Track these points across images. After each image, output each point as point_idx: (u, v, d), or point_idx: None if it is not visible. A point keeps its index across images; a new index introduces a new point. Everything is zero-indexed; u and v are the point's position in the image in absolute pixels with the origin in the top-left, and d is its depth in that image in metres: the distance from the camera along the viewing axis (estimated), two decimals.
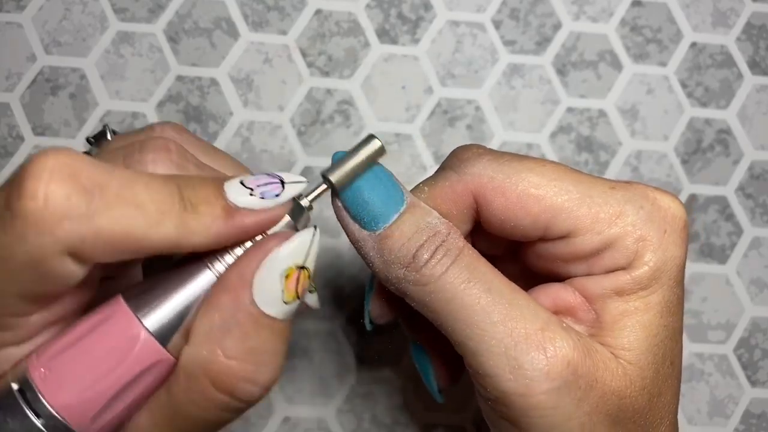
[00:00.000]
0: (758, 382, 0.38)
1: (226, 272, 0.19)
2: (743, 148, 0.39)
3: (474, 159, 0.23)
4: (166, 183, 0.18)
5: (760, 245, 0.39)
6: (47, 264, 0.16)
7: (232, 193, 0.19)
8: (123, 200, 0.17)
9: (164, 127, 0.22)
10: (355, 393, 0.36)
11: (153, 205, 0.17)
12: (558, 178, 0.22)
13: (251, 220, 0.19)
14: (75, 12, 0.38)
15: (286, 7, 0.39)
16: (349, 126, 0.38)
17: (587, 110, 0.39)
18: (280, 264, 0.19)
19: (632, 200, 0.22)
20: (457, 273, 0.21)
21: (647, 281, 0.22)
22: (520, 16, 0.40)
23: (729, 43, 0.40)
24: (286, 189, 0.20)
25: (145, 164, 0.20)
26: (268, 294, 0.19)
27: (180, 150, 0.20)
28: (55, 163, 0.16)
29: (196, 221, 0.18)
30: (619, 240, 0.22)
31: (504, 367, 0.20)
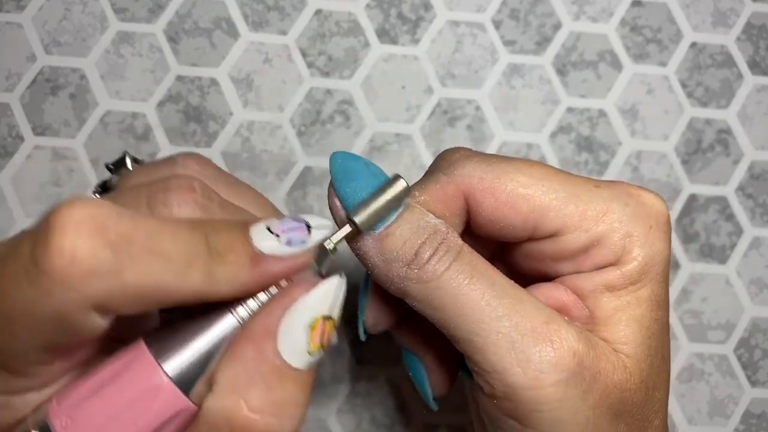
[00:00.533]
0: (758, 382, 0.38)
1: (251, 321, 0.19)
2: (743, 148, 0.39)
3: (463, 161, 0.23)
4: (192, 231, 0.18)
5: (760, 245, 0.39)
6: (72, 319, 0.16)
7: (258, 240, 0.18)
8: (150, 253, 0.16)
9: (187, 161, 0.22)
10: (355, 393, 0.36)
11: (180, 256, 0.17)
12: (545, 177, 0.22)
13: (278, 267, 0.19)
14: (75, 12, 0.38)
15: (286, 7, 0.39)
16: (349, 126, 0.38)
17: (587, 110, 0.39)
18: (305, 315, 0.19)
19: (617, 198, 0.22)
20: (461, 269, 0.21)
21: (637, 276, 0.22)
22: (520, 16, 0.40)
23: (729, 43, 0.40)
24: (312, 235, 0.19)
25: (170, 207, 0.19)
26: (293, 345, 0.18)
27: (204, 190, 0.20)
28: (82, 216, 0.16)
29: (223, 270, 0.18)
30: (607, 237, 0.22)
31: (512, 360, 0.20)
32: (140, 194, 0.19)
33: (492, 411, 0.22)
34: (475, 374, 0.22)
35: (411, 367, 0.26)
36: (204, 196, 0.20)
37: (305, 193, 0.37)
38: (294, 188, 0.37)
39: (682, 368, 0.38)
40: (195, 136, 0.37)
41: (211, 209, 0.20)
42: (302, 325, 0.19)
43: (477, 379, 0.22)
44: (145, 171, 0.22)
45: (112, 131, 0.37)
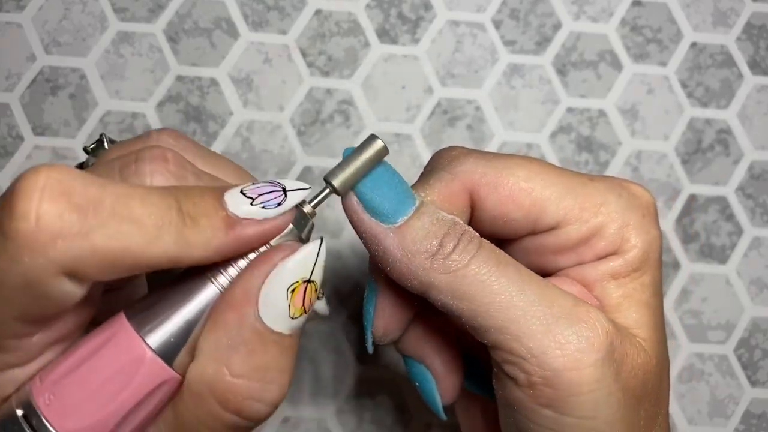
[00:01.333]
0: (758, 383, 0.38)
1: (231, 288, 0.19)
2: (743, 148, 0.39)
3: (462, 157, 0.23)
4: (163, 196, 0.17)
5: (761, 245, 0.39)
6: (43, 285, 0.16)
7: (232, 204, 0.18)
8: (118, 216, 0.16)
9: (161, 134, 0.21)
10: (355, 393, 0.36)
11: (150, 220, 0.17)
12: (543, 172, 0.23)
13: (253, 230, 0.18)
14: (75, 12, 0.38)
15: (286, 7, 0.39)
16: (349, 126, 0.38)
17: (587, 110, 0.39)
18: (285, 279, 0.18)
19: (611, 190, 0.23)
20: (487, 256, 0.21)
21: (638, 263, 0.23)
22: (520, 16, 0.40)
23: (729, 43, 0.40)
24: (288, 197, 0.19)
25: (142, 176, 0.19)
26: (275, 310, 0.18)
27: (178, 159, 0.20)
28: (47, 181, 0.16)
29: (196, 235, 0.17)
30: (606, 227, 0.23)
31: (550, 344, 0.20)
32: (112, 166, 0.19)
33: (526, 404, 0.21)
34: (508, 365, 0.21)
35: (418, 377, 0.26)
36: (177, 165, 0.19)
37: None
38: None
39: (682, 368, 0.38)
40: (195, 136, 0.37)
41: (185, 178, 0.20)
42: (283, 288, 0.18)
43: (509, 371, 0.21)
44: (119, 147, 0.21)
45: (112, 131, 0.37)
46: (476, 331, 0.21)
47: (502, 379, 0.22)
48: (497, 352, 0.21)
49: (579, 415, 0.20)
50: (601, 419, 0.20)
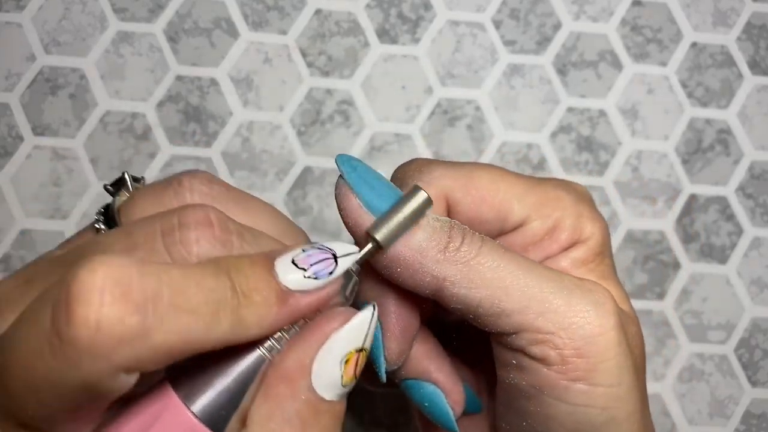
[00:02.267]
0: (759, 383, 0.38)
1: (283, 359, 0.18)
2: (743, 148, 0.39)
3: (429, 167, 0.23)
4: (217, 276, 0.17)
5: (761, 245, 0.39)
6: (101, 386, 0.16)
7: (284, 275, 0.18)
8: (177, 309, 0.16)
9: (193, 183, 0.21)
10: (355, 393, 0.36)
11: (207, 307, 0.16)
12: (502, 174, 0.24)
13: (306, 303, 0.18)
14: (74, 12, 0.38)
15: (285, 7, 0.39)
16: (349, 126, 0.38)
17: (587, 110, 0.39)
18: (339, 350, 0.18)
19: (560, 186, 0.25)
20: (493, 245, 0.21)
21: (599, 248, 0.24)
22: (520, 16, 0.40)
23: (729, 42, 0.40)
24: (339, 264, 0.19)
25: (188, 245, 0.18)
26: (328, 380, 0.18)
27: (220, 220, 0.19)
28: (104, 281, 0.15)
29: (251, 313, 0.17)
30: (564, 219, 0.24)
31: (574, 315, 0.21)
32: (154, 232, 0.19)
33: (556, 384, 0.21)
34: (536, 346, 0.21)
35: (427, 397, 0.25)
36: (221, 229, 0.19)
37: (305, 193, 0.37)
38: (294, 188, 0.37)
39: (682, 368, 0.38)
40: (195, 136, 0.37)
41: (230, 241, 0.19)
42: (337, 360, 0.18)
43: (538, 352, 0.21)
44: (151, 197, 0.21)
45: (112, 131, 0.37)
46: (496, 319, 0.21)
47: (524, 367, 0.22)
48: (521, 336, 0.21)
49: (608, 382, 0.21)
50: (624, 385, 0.21)
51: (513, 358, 0.22)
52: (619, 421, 0.21)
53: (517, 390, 0.22)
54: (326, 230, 0.37)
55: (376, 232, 0.20)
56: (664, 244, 0.38)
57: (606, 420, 0.21)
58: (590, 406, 0.21)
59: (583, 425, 0.21)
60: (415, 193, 0.21)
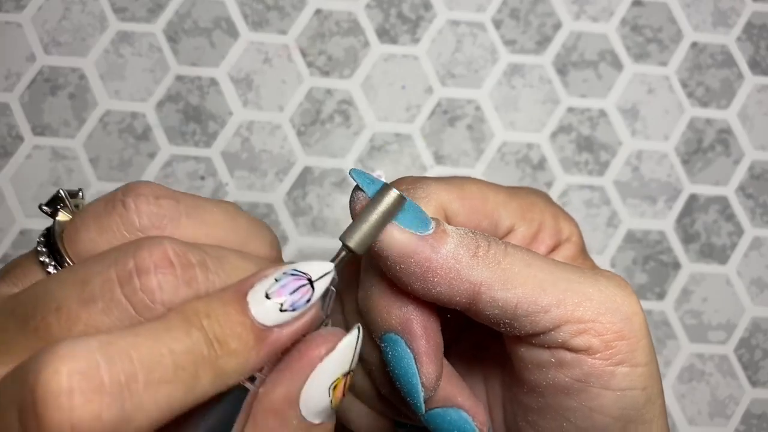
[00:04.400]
0: (759, 383, 0.38)
1: (270, 391, 0.18)
2: (744, 148, 0.39)
3: (423, 183, 0.23)
4: (189, 333, 0.16)
5: (761, 245, 0.39)
6: None
7: (259, 313, 0.17)
8: (154, 385, 0.15)
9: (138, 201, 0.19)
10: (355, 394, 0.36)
11: (185, 372, 0.15)
12: (485, 184, 0.25)
13: (286, 336, 0.17)
14: (74, 12, 0.38)
15: (285, 7, 0.39)
16: (349, 126, 0.38)
17: (588, 110, 0.39)
18: (328, 378, 0.18)
19: (531, 192, 0.26)
20: (515, 246, 0.22)
21: (581, 245, 0.25)
22: (520, 16, 0.40)
23: (729, 42, 0.40)
24: (316, 289, 0.18)
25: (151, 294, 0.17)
26: (317, 408, 0.18)
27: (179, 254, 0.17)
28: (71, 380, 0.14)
29: (231, 362, 0.16)
30: (544, 222, 0.25)
31: (607, 300, 0.21)
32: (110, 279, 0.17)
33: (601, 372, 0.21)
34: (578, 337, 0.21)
35: (457, 424, 0.24)
36: (183, 266, 0.17)
37: (305, 193, 0.37)
38: (294, 188, 0.37)
39: (682, 368, 0.38)
40: (194, 136, 0.37)
41: (195, 279, 0.17)
42: (326, 387, 0.18)
43: (580, 342, 0.21)
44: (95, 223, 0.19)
45: (112, 131, 0.37)
46: (535, 317, 0.21)
47: (566, 362, 0.21)
48: (562, 329, 0.21)
49: (645, 361, 0.21)
50: (655, 363, 0.22)
51: (552, 357, 0.22)
52: (653, 399, 0.22)
53: (557, 389, 0.22)
54: (326, 230, 0.37)
55: (349, 239, 0.20)
56: (664, 244, 0.38)
57: (646, 399, 0.22)
58: (634, 389, 0.21)
59: (628, 410, 0.22)
60: (386, 192, 0.20)
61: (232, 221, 0.21)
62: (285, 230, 0.37)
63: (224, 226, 0.20)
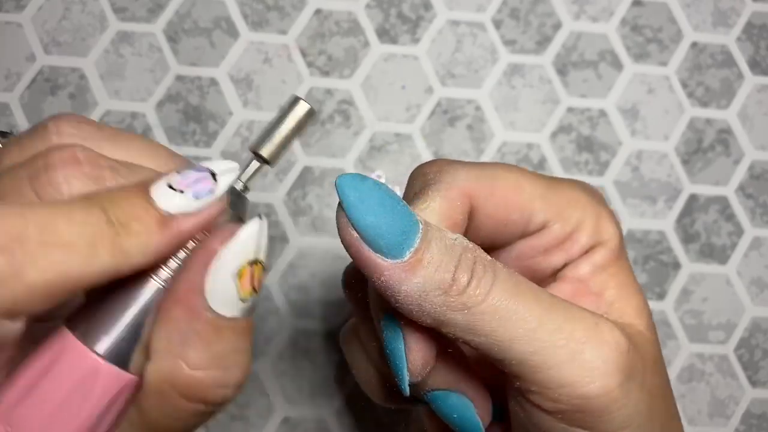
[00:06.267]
0: (759, 383, 0.38)
1: (175, 282, 0.18)
2: (744, 148, 0.39)
3: (450, 168, 0.23)
4: (88, 209, 0.16)
5: (761, 245, 0.39)
6: None
7: (162, 201, 0.17)
8: (47, 245, 0.15)
9: (59, 123, 0.20)
10: (356, 394, 0.36)
11: (82, 240, 0.16)
12: (523, 173, 0.23)
13: (189, 224, 0.18)
14: (74, 12, 0.38)
15: (285, 7, 0.39)
16: (349, 126, 0.38)
17: (588, 110, 0.39)
18: (229, 265, 0.18)
19: (576, 186, 0.24)
20: (504, 288, 0.20)
21: (619, 251, 0.24)
22: (520, 16, 0.40)
23: (729, 42, 0.40)
24: (219, 182, 0.18)
25: (56, 186, 0.17)
26: (223, 297, 0.18)
27: (90, 156, 0.18)
28: None
29: (132, 242, 0.17)
30: (584, 221, 0.24)
31: (577, 372, 0.20)
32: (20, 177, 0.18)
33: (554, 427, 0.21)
34: (533, 395, 0.20)
35: (457, 408, 0.23)
36: (91, 164, 0.18)
37: (305, 193, 0.37)
38: (294, 188, 0.37)
39: (682, 368, 0.38)
40: (195, 136, 0.37)
41: (103, 177, 0.18)
42: (229, 275, 0.18)
43: (534, 399, 0.20)
44: (18, 146, 0.20)
45: None
46: (497, 362, 0.20)
47: (524, 405, 0.21)
48: (521, 382, 0.20)
49: (612, 428, 0.20)
50: (635, 425, 0.20)
51: (516, 392, 0.21)
52: None
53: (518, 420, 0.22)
54: (326, 230, 0.37)
55: (259, 148, 0.20)
56: (664, 244, 0.38)
57: None
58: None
59: None
60: (296, 103, 0.20)
61: (154, 150, 0.21)
62: (285, 230, 0.37)
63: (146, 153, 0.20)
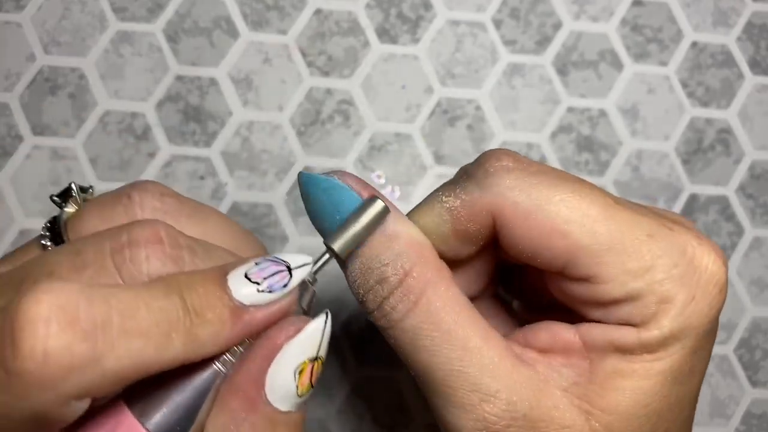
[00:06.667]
0: (759, 383, 0.38)
1: (236, 372, 0.18)
2: (744, 147, 0.39)
3: (500, 174, 0.21)
4: (168, 296, 0.17)
5: (761, 245, 0.39)
6: (51, 414, 0.15)
7: (237, 291, 0.17)
8: (127, 333, 0.15)
9: (143, 195, 0.20)
10: (355, 393, 0.36)
11: (158, 329, 0.16)
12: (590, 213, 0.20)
13: (261, 317, 0.18)
14: (74, 11, 0.38)
15: (285, 7, 0.39)
16: (349, 126, 0.38)
17: (588, 110, 0.39)
18: (293, 361, 0.18)
19: (667, 254, 0.20)
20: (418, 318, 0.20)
21: (655, 346, 0.20)
22: (520, 16, 0.39)
23: (730, 42, 0.40)
24: (294, 276, 0.18)
25: (138, 264, 0.18)
26: (282, 391, 0.18)
27: (171, 236, 0.18)
28: (50, 310, 0.15)
29: (205, 331, 0.17)
30: (642, 297, 0.20)
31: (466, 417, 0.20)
32: (103, 249, 0.18)
33: None
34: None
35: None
36: (172, 245, 0.18)
37: None
38: (294, 188, 0.37)
39: None
40: (194, 136, 0.37)
41: (182, 257, 0.18)
42: (290, 371, 0.18)
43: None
44: (99, 212, 0.20)
45: (112, 131, 0.37)
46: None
47: None
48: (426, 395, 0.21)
49: None
50: None
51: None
52: None
53: None
54: None
55: (333, 242, 0.20)
56: None
57: None
58: None
59: None
60: (372, 203, 0.21)
61: (228, 227, 0.21)
62: (285, 230, 0.37)
63: (220, 230, 0.21)
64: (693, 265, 0.20)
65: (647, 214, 0.20)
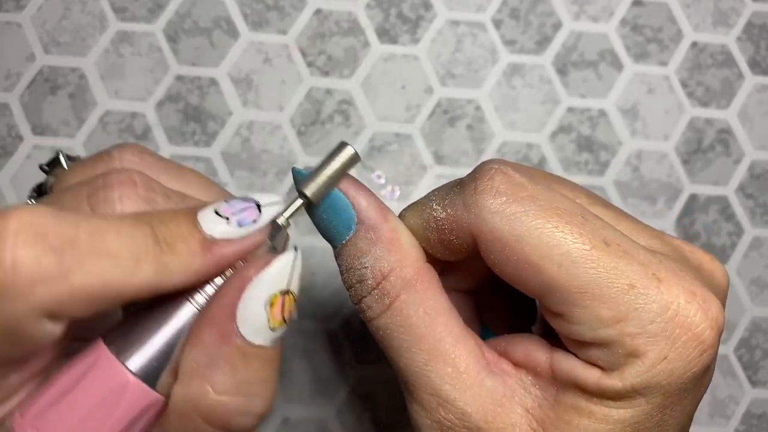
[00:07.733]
0: (759, 383, 0.38)
1: (208, 306, 0.18)
2: (744, 147, 0.39)
3: (486, 196, 0.20)
4: (137, 224, 0.17)
5: (761, 245, 0.39)
6: (22, 329, 0.16)
7: (207, 225, 0.18)
8: (95, 252, 0.16)
9: (123, 152, 0.21)
10: (355, 393, 0.36)
11: (127, 252, 0.16)
12: (570, 254, 0.19)
13: (230, 250, 0.18)
14: (74, 11, 0.38)
15: (285, 7, 0.39)
16: (349, 126, 0.38)
17: (588, 110, 0.39)
18: (262, 293, 0.18)
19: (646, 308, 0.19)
20: (390, 320, 0.21)
21: (615, 396, 0.19)
22: (520, 16, 0.39)
23: (730, 42, 0.40)
24: (263, 213, 0.19)
25: (111, 203, 0.19)
26: (254, 324, 0.18)
27: (145, 181, 0.19)
28: (20, 224, 0.15)
29: (174, 261, 0.17)
30: (611, 345, 0.19)
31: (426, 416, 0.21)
32: (80, 193, 0.19)
33: None
34: None
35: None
36: (146, 188, 0.19)
37: None
38: (293, 188, 0.37)
39: None
40: (194, 136, 0.37)
41: (155, 200, 0.19)
42: (261, 302, 0.18)
43: None
44: (81, 169, 0.21)
45: (112, 131, 0.37)
46: None
47: None
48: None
49: None
50: None
51: None
52: None
53: None
54: None
55: (305, 186, 0.21)
56: None
57: None
58: None
59: None
60: (342, 149, 0.21)
61: (206, 185, 0.22)
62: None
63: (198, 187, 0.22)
64: (674, 323, 0.19)
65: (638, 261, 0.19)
